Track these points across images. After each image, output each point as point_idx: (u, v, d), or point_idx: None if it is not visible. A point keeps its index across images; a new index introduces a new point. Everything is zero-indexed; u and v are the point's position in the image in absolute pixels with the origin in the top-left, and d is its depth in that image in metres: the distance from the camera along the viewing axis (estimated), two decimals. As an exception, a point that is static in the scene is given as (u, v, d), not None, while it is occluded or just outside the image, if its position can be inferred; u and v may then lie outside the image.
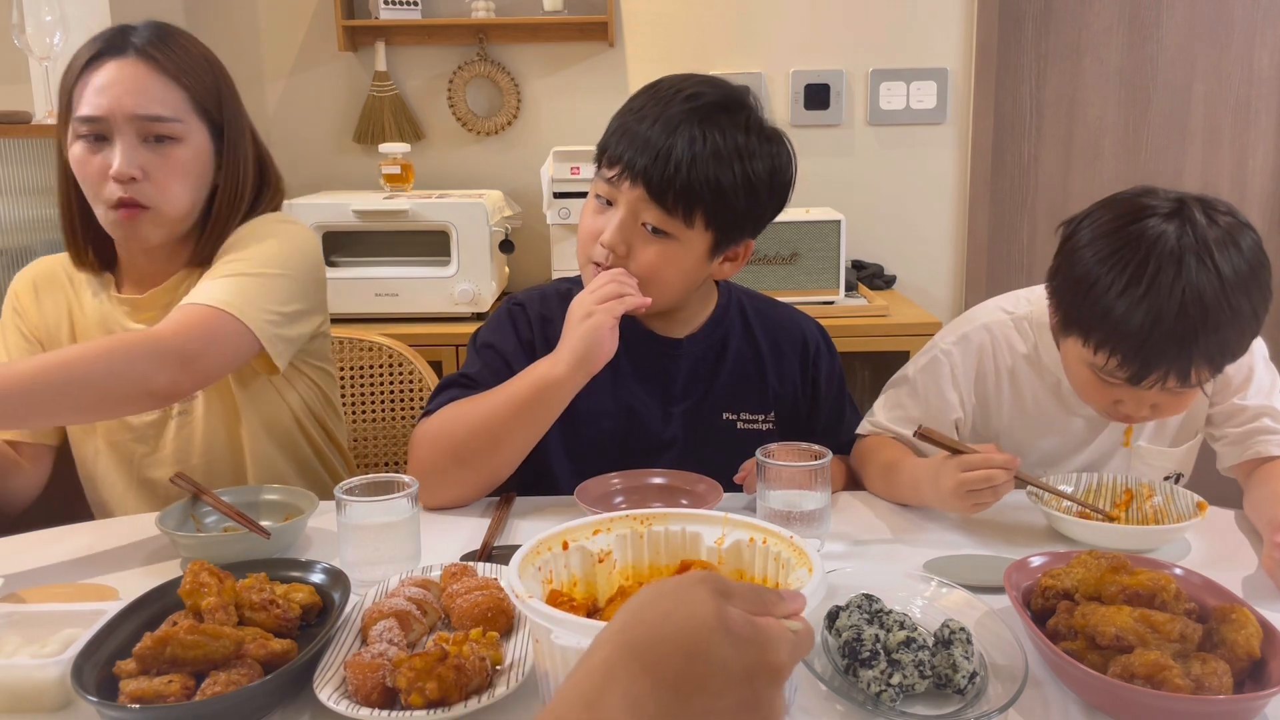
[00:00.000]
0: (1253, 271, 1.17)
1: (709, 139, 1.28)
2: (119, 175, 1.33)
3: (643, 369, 1.44)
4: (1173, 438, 1.42)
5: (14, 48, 2.07)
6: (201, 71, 1.40)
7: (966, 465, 1.17)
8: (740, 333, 1.48)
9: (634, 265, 1.31)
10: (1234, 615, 0.88)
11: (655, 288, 1.33)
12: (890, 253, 2.98)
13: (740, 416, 1.46)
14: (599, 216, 1.34)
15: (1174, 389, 1.20)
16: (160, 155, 1.36)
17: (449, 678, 0.81)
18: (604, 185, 1.33)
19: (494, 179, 2.94)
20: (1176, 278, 1.13)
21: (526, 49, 2.91)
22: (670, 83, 1.34)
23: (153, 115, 1.35)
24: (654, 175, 1.27)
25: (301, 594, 0.99)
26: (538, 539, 0.90)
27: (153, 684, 0.83)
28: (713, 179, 1.28)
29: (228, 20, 2.90)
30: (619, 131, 1.32)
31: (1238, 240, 1.16)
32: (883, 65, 2.90)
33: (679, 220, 1.29)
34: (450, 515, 1.32)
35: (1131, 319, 1.15)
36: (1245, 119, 2.98)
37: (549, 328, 1.43)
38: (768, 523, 0.94)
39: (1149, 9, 2.93)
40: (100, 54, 1.37)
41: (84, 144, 1.36)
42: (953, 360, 1.41)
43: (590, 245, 1.35)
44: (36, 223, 1.99)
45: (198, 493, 1.24)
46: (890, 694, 0.84)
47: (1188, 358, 1.15)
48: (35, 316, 1.48)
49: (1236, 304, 1.15)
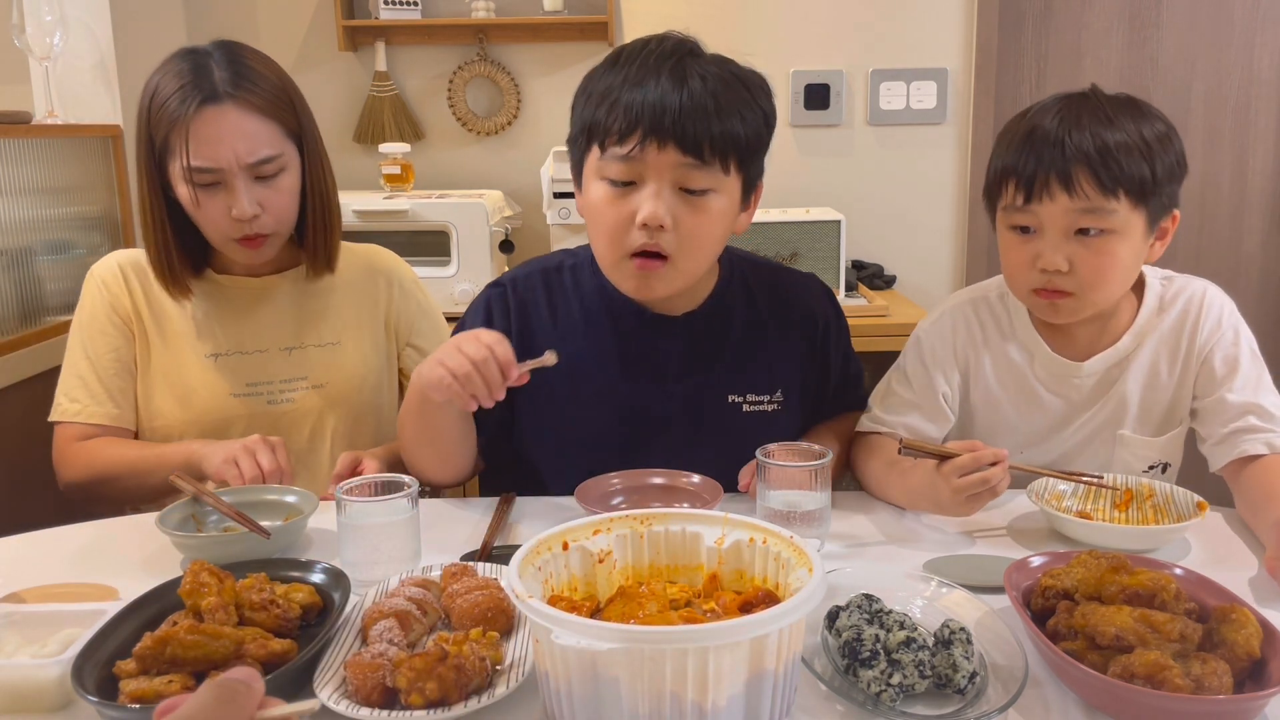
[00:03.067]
0: (1140, 109, 1.29)
1: (710, 79, 1.22)
2: (243, 217, 1.43)
3: (631, 350, 1.37)
4: (1156, 426, 1.40)
5: (14, 48, 2.07)
6: (281, 96, 1.47)
7: (959, 470, 1.17)
8: (744, 309, 1.42)
9: (680, 236, 1.24)
10: (1234, 615, 0.88)
11: (702, 255, 1.28)
12: (890, 253, 2.98)
13: (746, 398, 1.40)
14: (621, 202, 1.24)
15: (1070, 211, 1.24)
16: (272, 189, 1.46)
17: (449, 678, 0.81)
18: (617, 165, 1.23)
19: (494, 179, 2.94)
20: (1058, 99, 1.30)
21: (526, 49, 2.90)
22: (632, 47, 1.27)
23: (263, 159, 1.43)
24: (685, 130, 1.19)
25: (301, 594, 0.99)
26: (538, 539, 0.90)
27: (153, 684, 0.83)
28: (737, 117, 1.22)
29: (227, 20, 2.90)
30: (607, 104, 1.22)
31: (1136, 100, 1.30)
32: (883, 65, 2.89)
33: (718, 170, 1.22)
34: (450, 515, 1.32)
35: (1017, 130, 1.29)
36: (1245, 119, 2.98)
37: (529, 313, 1.39)
38: (768, 523, 0.94)
39: (1149, 9, 2.93)
40: (197, 100, 1.40)
41: (199, 189, 1.42)
42: (932, 339, 1.44)
43: (623, 236, 1.25)
44: (37, 223, 1.99)
45: (198, 493, 1.24)
46: (890, 694, 0.84)
47: (1065, 160, 1.23)
48: (127, 302, 1.53)
49: (1117, 120, 1.25)
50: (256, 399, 1.53)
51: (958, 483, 1.16)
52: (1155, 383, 1.38)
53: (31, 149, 1.96)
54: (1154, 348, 1.38)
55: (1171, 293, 1.40)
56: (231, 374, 1.53)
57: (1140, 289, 1.40)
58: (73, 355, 1.53)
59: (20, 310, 1.94)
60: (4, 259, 1.91)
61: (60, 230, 2.07)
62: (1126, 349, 1.38)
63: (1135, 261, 1.31)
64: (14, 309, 1.92)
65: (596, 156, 1.26)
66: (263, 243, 1.48)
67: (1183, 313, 1.38)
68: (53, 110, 2.10)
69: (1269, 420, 1.30)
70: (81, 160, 2.11)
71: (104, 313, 1.53)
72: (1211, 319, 1.37)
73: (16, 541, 1.25)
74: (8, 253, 1.92)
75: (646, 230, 1.23)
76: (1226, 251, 3.03)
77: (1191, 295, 1.39)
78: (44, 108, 2.11)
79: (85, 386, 1.50)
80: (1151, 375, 1.38)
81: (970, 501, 1.17)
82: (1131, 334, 1.38)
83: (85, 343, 1.52)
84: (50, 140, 2.02)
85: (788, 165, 2.92)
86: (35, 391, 1.47)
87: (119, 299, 1.53)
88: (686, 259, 1.27)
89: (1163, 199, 1.29)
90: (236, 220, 1.43)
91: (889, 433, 1.42)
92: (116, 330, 1.53)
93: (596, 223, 1.29)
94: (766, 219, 2.45)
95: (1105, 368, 1.39)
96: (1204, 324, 1.37)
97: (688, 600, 0.92)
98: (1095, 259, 1.27)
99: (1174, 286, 1.40)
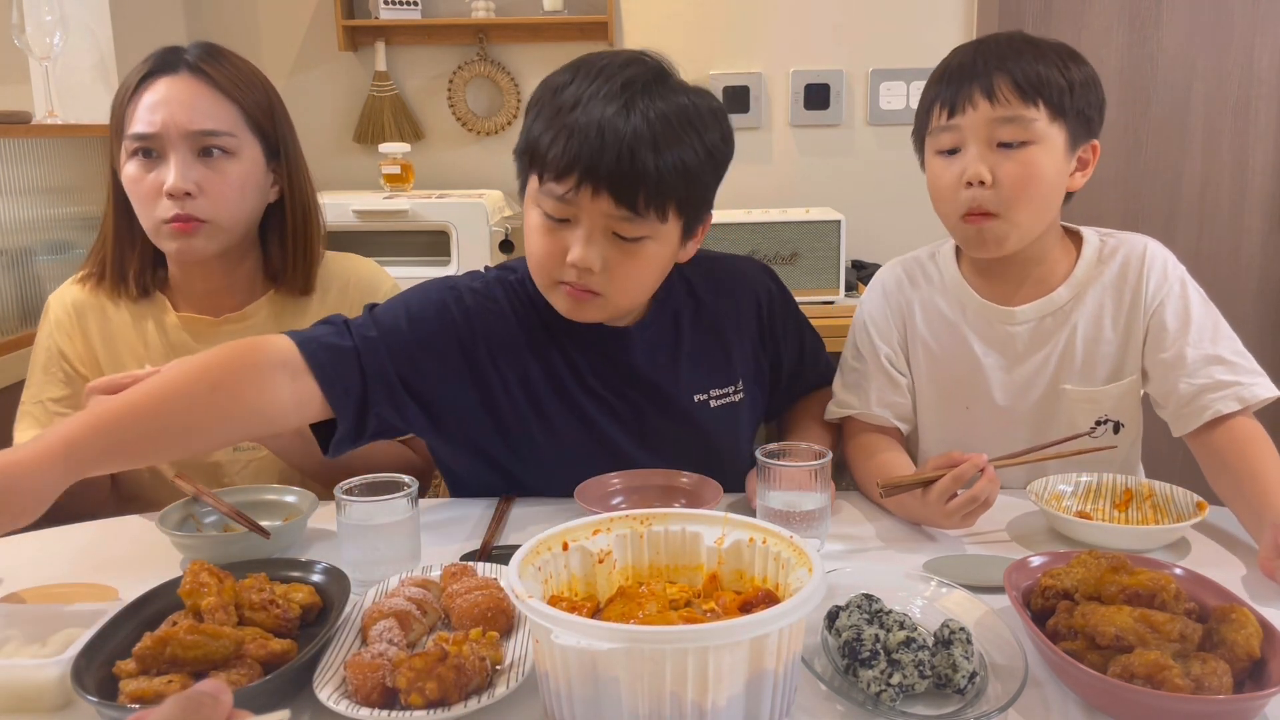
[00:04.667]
0: (1071, 51, 1.31)
1: (655, 120, 1.15)
2: (174, 190, 1.33)
3: (596, 366, 1.33)
4: (1103, 376, 1.36)
5: (14, 48, 2.07)
6: (253, 87, 1.41)
7: (943, 496, 1.16)
8: (690, 307, 1.40)
9: (613, 278, 1.21)
10: (1234, 615, 0.88)
11: (634, 293, 1.26)
12: (890, 253, 2.92)
13: (711, 394, 1.39)
14: (554, 236, 1.20)
15: (992, 120, 1.26)
16: (214, 170, 1.36)
17: (449, 678, 0.81)
18: (552, 203, 1.19)
19: (494, 179, 2.94)
20: (990, 36, 1.35)
21: (526, 49, 2.90)
22: (590, 67, 1.20)
23: (205, 129, 1.35)
24: (621, 181, 1.14)
25: (301, 594, 0.99)
26: (538, 539, 0.90)
27: (153, 684, 0.83)
28: (677, 162, 1.16)
29: (227, 20, 2.90)
30: (552, 131, 1.16)
31: (1073, 49, 1.32)
32: (883, 65, 2.89)
33: (654, 220, 1.18)
34: (450, 515, 1.32)
35: (951, 61, 1.33)
36: (1245, 119, 2.98)
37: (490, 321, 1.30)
38: (768, 523, 0.94)
39: (1149, 9, 2.93)
40: (151, 73, 1.37)
41: (137, 162, 1.36)
42: (869, 305, 1.47)
43: (555, 267, 1.21)
44: (36, 223, 1.99)
45: (198, 493, 1.24)
46: (890, 694, 0.84)
47: (988, 72, 1.27)
48: (81, 345, 1.46)
49: (1042, 48, 1.29)
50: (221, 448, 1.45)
51: (947, 509, 1.16)
52: (1099, 335, 1.36)
53: (31, 149, 1.96)
54: (1096, 300, 1.36)
55: (1110, 246, 1.38)
56: None
57: (1079, 244, 1.39)
58: (30, 391, 1.46)
59: (20, 310, 1.94)
60: (4, 259, 1.91)
61: (60, 230, 2.07)
62: (1063, 299, 1.36)
63: (1057, 180, 1.30)
64: (14, 309, 1.93)
65: (535, 185, 1.22)
66: (195, 229, 1.35)
67: (1123, 265, 1.36)
68: (53, 110, 2.10)
69: (1234, 371, 1.27)
70: (81, 160, 2.11)
71: (56, 360, 1.45)
72: (1157, 272, 1.35)
73: (16, 541, 1.25)
74: (8, 253, 1.92)
75: (576, 270, 1.20)
76: (1226, 251, 3.03)
77: (1132, 248, 1.37)
78: (44, 108, 2.11)
79: (43, 418, 1.44)
80: (1094, 328, 1.36)
81: (964, 521, 1.18)
82: (1069, 285, 1.36)
83: (41, 385, 1.45)
84: (50, 140, 2.02)
85: (788, 165, 2.92)
86: (35, 391, 1.47)
87: (71, 343, 1.45)
88: (619, 295, 1.24)
89: (1082, 118, 1.30)
90: (168, 195, 1.33)
91: (860, 415, 1.42)
92: (68, 379, 1.45)
93: (530, 248, 1.25)
94: (766, 219, 2.45)
95: (1039, 316, 1.37)
96: (1149, 277, 1.34)
97: (688, 600, 0.91)
98: (1017, 169, 1.27)
99: (1113, 240, 1.39)
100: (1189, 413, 1.28)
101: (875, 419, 1.42)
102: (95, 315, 1.46)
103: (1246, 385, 1.26)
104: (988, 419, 1.40)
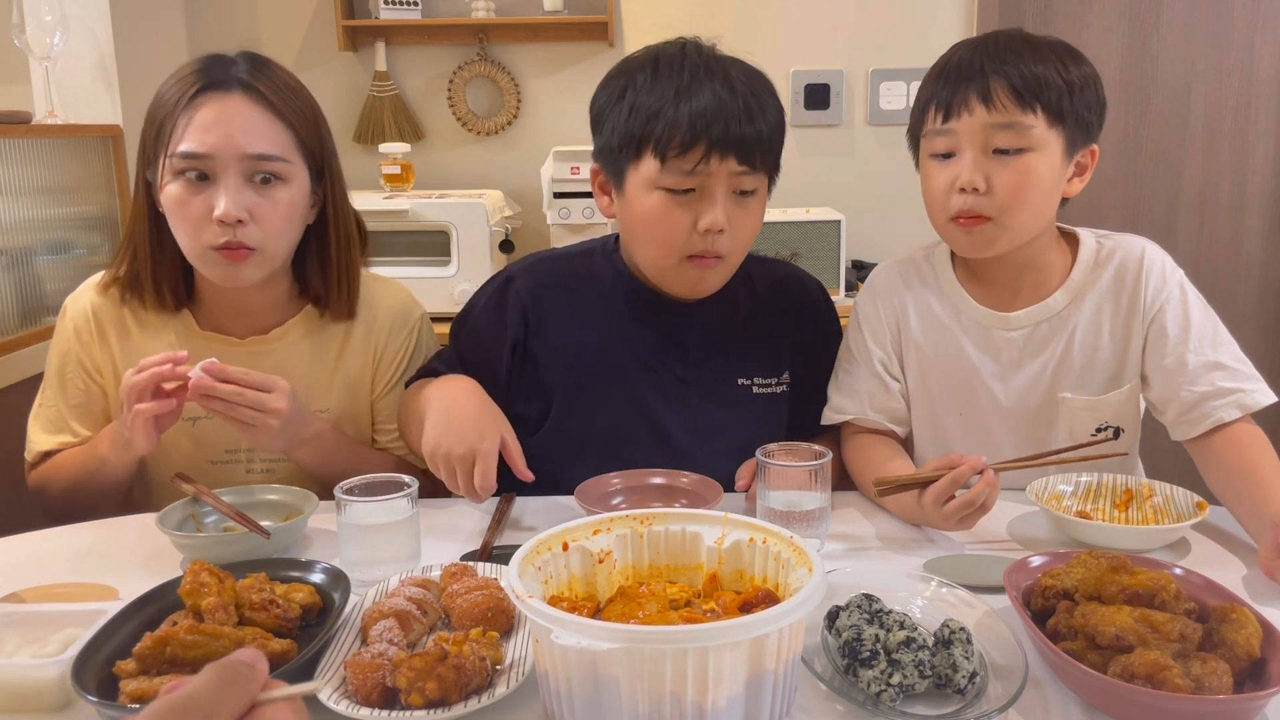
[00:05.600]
0: (1066, 46, 1.31)
1: (742, 84, 1.30)
2: (226, 218, 1.27)
3: (651, 335, 1.43)
4: (1102, 383, 1.35)
5: (14, 48, 2.07)
6: (304, 109, 1.36)
7: (939, 500, 1.15)
8: (747, 294, 1.48)
9: (733, 236, 1.32)
10: (1234, 615, 0.88)
11: (747, 249, 1.38)
12: (890, 252, 2.94)
13: (755, 381, 1.45)
14: (681, 210, 1.31)
15: (988, 126, 1.25)
16: (266, 197, 1.31)
17: (449, 678, 0.81)
18: (676, 177, 1.29)
19: (494, 179, 2.94)
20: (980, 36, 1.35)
21: (526, 49, 2.90)
22: (667, 56, 1.34)
23: (260, 154, 1.30)
24: (744, 141, 1.28)
25: (301, 594, 0.99)
26: (538, 539, 0.90)
27: (153, 684, 0.83)
28: (772, 118, 1.32)
29: (227, 20, 2.90)
30: (664, 119, 1.28)
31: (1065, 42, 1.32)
32: (883, 65, 2.89)
33: (763, 173, 1.33)
34: (450, 515, 1.32)
35: (949, 60, 1.32)
36: (1245, 119, 2.98)
37: (542, 299, 1.43)
38: (768, 523, 0.94)
39: (1149, 9, 2.93)
40: (202, 88, 1.30)
41: (183, 183, 1.29)
42: (863, 306, 1.47)
43: (682, 241, 1.32)
44: (36, 223, 1.99)
45: (198, 493, 1.24)
46: (890, 694, 0.84)
47: (984, 76, 1.26)
48: (99, 354, 1.42)
49: (1041, 49, 1.28)
50: (235, 466, 1.43)
51: (944, 511, 1.15)
52: (1097, 342, 1.34)
53: (31, 149, 1.96)
54: (1094, 306, 1.34)
55: (1107, 249, 1.36)
56: (210, 441, 1.41)
57: (1075, 246, 1.37)
58: (47, 394, 1.44)
59: (20, 310, 1.94)
60: (4, 259, 1.91)
61: (60, 230, 2.07)
62: (1059, 305, 1.35)
63: (1053, 187, 1.29)
64: (14, 309, 1.93)
65: (655, 168, 1.30)
66: (245, 257, 1.31)
67: (1121, 268, 1.34)
68: (53, 110, 2.10)
69: (1235, 377, 1.26)
70: (81, 160, 2.11)
71: (74, 367, 1.42)
72: (1155, 276, 1.32)
73: (16, 541, 1.25)
74: (8, 253, 1.92)
75: (708, 236, 1.31)
76: (1226, 251, 3.03)
77: (1129, 251, 1.35)
78: (44, 108, 2.11)
79: (59, 421, 1.42)
80: (1092, 335, 1.34)
81: (963, 524, 1.17)
82: (1065, 290, 1.35)
83: (57, 390, 1.43)
84: (50, 140, 2.02)
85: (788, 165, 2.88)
86: (35, 391, 1.46)
87: (89, 350, 1.42)
88: (737, 255, 1.37)
89: (1081, 123, 1.28)
90: (219, 222, 1.28)
91: (856, 419, 1.42)
92: (86, 387, 1.42)
93: (652, 229, 1.34)
94: (766, 219, 2.43)
95: (1035, 323, 1.35)
96: (1147, 281, 1.32)
97: (688, 600, 0.92)
98: (1013, 177, 1.26)
99: (1110, 243, 1.37)
100: (1191, 419, 1.27)
101: (870, 423, 1.42)
102: (114, 326, 1.42)
103: (1248, 392, 1.26)
104: (982, 426, 1.39)
